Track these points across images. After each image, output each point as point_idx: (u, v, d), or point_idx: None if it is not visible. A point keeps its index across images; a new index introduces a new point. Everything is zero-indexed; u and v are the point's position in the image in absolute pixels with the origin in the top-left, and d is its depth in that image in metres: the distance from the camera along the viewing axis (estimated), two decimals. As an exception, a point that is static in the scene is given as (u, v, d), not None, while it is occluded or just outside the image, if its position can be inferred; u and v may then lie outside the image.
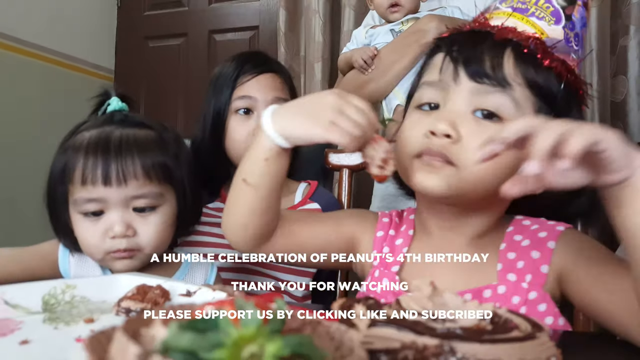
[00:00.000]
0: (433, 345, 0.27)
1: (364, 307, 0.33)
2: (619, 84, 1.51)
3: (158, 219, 0.69)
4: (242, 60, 0.94)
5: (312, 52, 1.79)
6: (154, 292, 0.55)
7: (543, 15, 0.58)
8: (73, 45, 2.16)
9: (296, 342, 0.21)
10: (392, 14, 1.17)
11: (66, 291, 0.60)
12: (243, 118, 0.91)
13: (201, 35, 2.22)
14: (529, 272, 0.55)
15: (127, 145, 0.67)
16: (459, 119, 0.53)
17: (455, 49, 0.56)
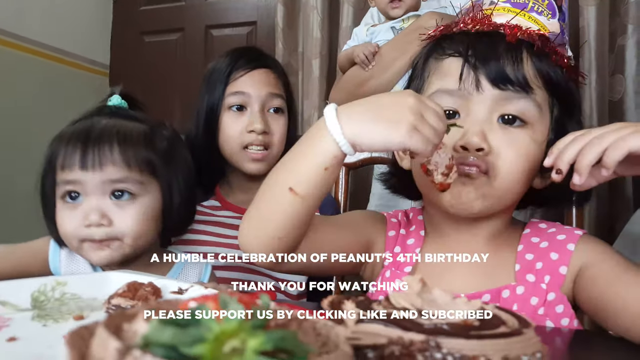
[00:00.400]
0: (419, 341, 0.27)
1: (353, 304, 0.33)
2: (616, 82, 1.51)
3: (137, 209, 0.67)
4: (235, 56, 0.93)
5: (310, 49, 1.78)
6: (144, 289, 0.55)
7: (542, 10, 0.58)
8: (68, 41, 2.15)
9: (279, 337, 0.21)
10: (392, 10, 1.17)
11: (56, 288, 0.59)
12: (236, 114, 0.91)
13: (198, 30, 2.20)
14: (548, 274, 0.55)
15: (108, 133, 0.67)
16: (487, 129, 0.53)
17: (472, 54, 0.55)
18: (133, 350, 0.20)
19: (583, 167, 0.46)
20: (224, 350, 0.20)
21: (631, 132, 0.45)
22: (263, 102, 0.90)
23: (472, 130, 0.53)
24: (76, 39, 2.19)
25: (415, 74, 0.63)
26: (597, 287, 0.52)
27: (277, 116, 0.92)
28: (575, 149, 0.47)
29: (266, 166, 0.91)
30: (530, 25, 0.56)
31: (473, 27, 0.57)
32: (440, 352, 0.26)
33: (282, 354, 0.21)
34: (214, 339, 0.20)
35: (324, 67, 1.77)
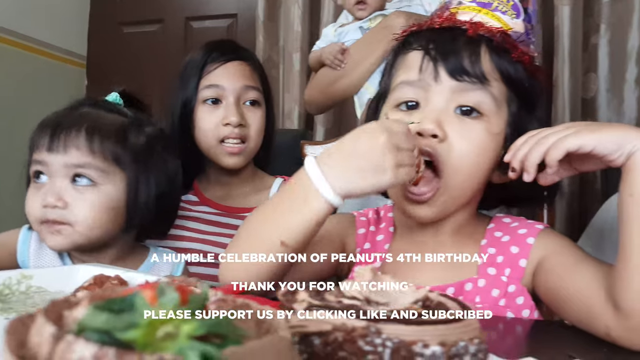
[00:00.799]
0: (360, 327, 0.27)
1: (306, 293, 0.34)
2: (590, 81, 1.54)
3: (95, 196, 0.67)
4: (209, 49, 0.93)
5: (290, 42, 1.78)
6: (111, 282, 0.55)
7: (506, 10, 0.60)
8: (44, 30, 2.10)
9: (212, 322, 0.21)
10: (358, 11, 1.20)
11: (22, 281, 0.59)
12: (211, 107, 0.90)
13: (178, 21, 2.17)
14: (508, 266, 0.57)
15: (79, 119, 0.68)
16: (443, 118, 0.55)
17: (432, 47, 0.57)
18: (66, 335, 0.21)
19: (529, 166, 0.49)
20: (157, 335, 0.21)
21: (572, 132, 0.48)
22: (238, 95, 0.90)
23: (429, 117, 0.55)
24: (52, 29, 2.14)
25: (385, 71, 0.66)
26: (553, 278, 0.54)
27: (254, 109, 0.91)
28: (526, 149, 0.50)
29: (243, 160, 0.91)
30: (492, 23, 0.58)
31: (439, 24, 0.59)
32: (380, 338, 0.27)
33: (217, 339, 0.22)
34: (147, 324, 0.21)
35: (304, 61, 1.76)
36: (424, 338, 0.27)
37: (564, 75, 1.47)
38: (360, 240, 0.66)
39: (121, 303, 0.22)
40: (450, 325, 0.28)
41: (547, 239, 0.58)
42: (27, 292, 0.59)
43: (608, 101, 1.53)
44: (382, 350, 0.27)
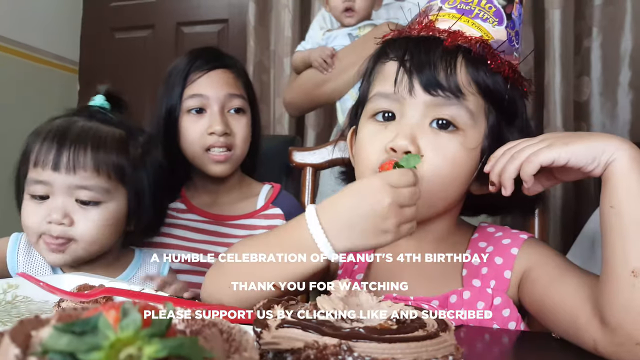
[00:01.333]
0: (332, 345, 0.27)
1: (282, 308, 0.33)
2: (582, 84, 1.55)
3: (99, 215, 0.68)
4: (192, 57, 0.92)
5: (281, 47, 1.78)
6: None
7: (487, 17, 0.58)
8: (36, 36, 2.09)
9: (176, 344, 0.21)
10: (346, 19, 1.21)
11: (8, 291, 0.59)
12: (196, 117, 0.90)
13: (169, 27, 2.17)
14: (493, 278, 0.56)
15: (84, 137, 0.68)
16: (417, 132, 0.54)
17: (408, 58, 0.56)
18: (30, 357, 0.21)
19: (505, 181, 0.50)
20: (120, 357, 0.21)
21: (546, 146, 0.48)
22: (222, 103, 0.89)
23: (402, 133, 0.54)
24: (45, 35, 2.14)
25: (364, 77, 0.65)
26: (538, 289, 0.53)
27: (238, 116, 0.91)
28: (502, 163, 0.50)
29: (230, 167, 0.90)
30: (472, 32, 0.56)
31: (418, 32, 0.58)
32: (351, 356, 0.27)
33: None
34: (109, 346, 0.21)
35: (295, 65, 1.78)
36: (397, 356, 0.27)
37: (555, 79, 1.47)
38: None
39: (84, 325, 0.22)
40: (424, 343, 0.28)
41: (531, 249, 0.57)
42: (13, 301, 0.59)
43: (601, 105, 1.53)
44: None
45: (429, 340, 0.29)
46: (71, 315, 0.25)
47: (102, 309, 0.22)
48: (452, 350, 0.29)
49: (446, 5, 0.59)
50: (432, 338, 0.29)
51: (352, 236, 0.49)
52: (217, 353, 0.24)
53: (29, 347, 0.24)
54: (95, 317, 0.22)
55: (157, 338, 0.21)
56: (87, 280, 0.59)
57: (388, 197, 0.47)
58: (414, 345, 0.28)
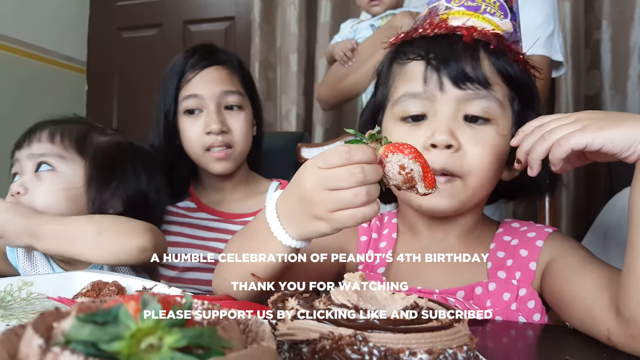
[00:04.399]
0: (347, 335, 0.28)
1: (296, 301, 0.34)
2: (593, 78, 1.53)
3: (52, 180, 0.71)
4: (186, 56, 0.92)
5: (287, 44, 1.78)
6: (109, 288, 0.55)
7: (494, 11, 0.59)
8: (44, 37, 2.11)
9: (195, 333, 0.22)
10: (372, 8, 1.22)
11: (23, 288, 0.60)
12: (193, 118, 0.89)
13: (176, 25, 2.18)
14: (518, 270, 0.57)
15: (46, 123, 0.75)
16: (454, 127, 0.55)
17: (433, 56, 0.56)
18: (53, 347, 0.21)
19: (533, 161, 0.49)
20: (140, 346, 0.21)
21: (580, 128, 0.46)
22: (218, 101, 0.89)
23: (440, 128, 0.54)
24: (52, 35, 2.16)
25: (380, 81, 0.64)
26: (559, 280, 0.53)
27: (236, 113, 0.90)
28: (531, 142, 0.49)
29: (232, 164, 0.90)
30: (484, 26, 0.57)
31: (432, 31, 0.58)
32: (367, 346, 0.27)
33: (199, 350, 0.22)
34: (130, 336, 0.21)
35: (301, 62, 1.77)
36: (411, 346, 0.27)
37: (566, 73, 1.46)
38: (362, 247, 0.65)
39: (105, 315, 0.22)
40: (438, 333, 0.28)
41: (556, 241, 0.58)
42: (28, 298, 0.59)
43: (611, 98, 1.51)
44: (370, 358, 0.27)
45: (443, 330, 0.29)
46: (91, 307, 0.26)
47: (122, 300, 0.23)
48: (466, 340, 0.29)
49: (453, 4, 0.60)
50: (446, 328, 0.29)
51: (294, 223, 0.46)
52: (235, 343, 0.24)
53: (51, 338, 0.24)
54: (116, 307, 0.22)
55: (177, 328, 0.22)
56: (101, 277, 0.59)
57: (310, 178, 0.42)
58: (428, 335, 0.28)
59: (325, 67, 1.77)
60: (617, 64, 1.49)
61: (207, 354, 0.22)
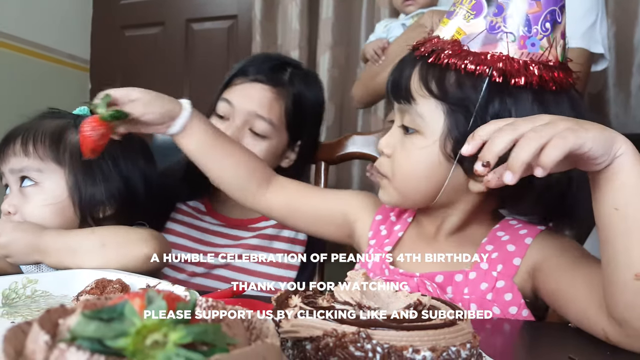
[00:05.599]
0: (350, 332, 0.28)
1: (300, 298, 0.34)
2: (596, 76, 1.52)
3: (36, 195, 0.71)
4: (248, 62, 0.89)
5: (288, 41, 1.78)
6: (113, 286, 0.56)
7: (464, 13, 0.57)
8: (48, 35, 2.12)
9: (200, 330, 0.22)
10: (406, 7, 1.24)
11: (27, 286, 0.60)
12: (219, 121, 0.87)
13: (178, 24, 2.18)
14: (501, 263, 0.57)
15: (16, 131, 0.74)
16: (394, 135, 0.62)
17: (390, 71, 0.62)
18: (59, 343, 0.21)
19: (518, 164, 0.41)
20: (146, 343, 0.21)
21: (568, 128, 0.41)
22: (245, 119, 0.85)
23: (383, 139, 0.62)
24: (56, 34, 2.17)
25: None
26: (552, 281, 0.54)
27: (257, 139, 0.86)
28: (506, 141, 0.42)
29: None
30: (446, 34, 0.57)
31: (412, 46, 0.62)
32: (370, 343, 0.27)
33: (204, 347, 0.22)
34: (136, 333, 0.21)
35: (303, 58, 1.77)
36: (415, 343, 0.27)
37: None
38: (374, 225, 0.70)
39: (111, 312, 0.22)
40: (441, 330, 0.28)
41: (546, 240, 0.58)
42: (33, 296, 0.60)
43: (615, 96, 1.51)
44: (373, 355, 0.27)
45: (447, 328, 0.29)
46: (96, 304, 0.26)
47: (127, 297, 0.23)
48: (469, 338, 0.29)
49: (452, 8, 0.60)
50: (449, 326, 0.29)
51: None
52: (240, 339, 0.24)
53: (57, 334, 0.24)
54: (121, 304, 0.22)
55: (181, 324, 0.22)
56: (104, 274, 0.60)
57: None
58: (432, 332, 0.28)
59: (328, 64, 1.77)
60: (620, 62, 1.48)
61: (211, 351, 0.22)
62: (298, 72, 0.90)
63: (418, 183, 0.59)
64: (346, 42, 1.79)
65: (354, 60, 1.79)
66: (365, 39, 1.78)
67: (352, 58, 1.79)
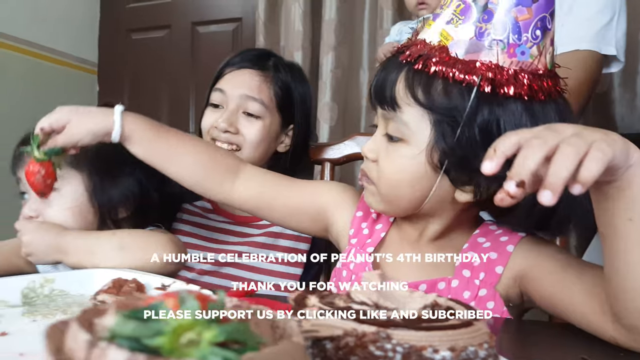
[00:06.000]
0: (370, 332, 0.29)
1: (317, 299, 0.35)
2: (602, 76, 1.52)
3: (57, 200, 0.73)
4: (236, 54, 0.94)
5: (291, 42, 1.79)
6: (129, 285, 0.57)
7: (451, 18, 0.54)
8: (56, 39, 2.15)
9: (232, 329, 0.23)
10: (420, 11, 1.24)
11: (45, 285, 0.61)
12: (213, 110, 0.92)
13: (184, 27, 2.21)
14: (483, 271, 0.58)
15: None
16: (378, 142, 0.60)
17: (376, 74, 0.60)
18: (100, 342, 0.22)
19: (560, 183, 0.37)
20: (181, 341, 0.22)
21: (601, 139, 0.38)
22: (238, 103, 0.90)
23: (368, 144, 0.61)
24: (64, 37, 2.19)
25: None
26: (544, 288, 0.54)
27: (251, 119, 0.91)
28: (539, 156, 0.38)
29: None
30: (433, 39, 0.55)
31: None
32: (390, 343, 0.28)
33: (236, 345, 0.23)
34: (172, 332, 0.22)
35: (306, 59, 1.78)
36: (434, 343, 0.28)
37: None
38: (355, 222, 0.68)
39: (148, 311, 0.23)
40: (460, 331, 0.29)
41: (528, 246, 0.58)
42: (51, 295, 0.61)
43: (620, 96, 1.51)
44: (393, 355, 0.28)
45: (465, 328, 0.30)
46: (127, 304, 0.27)
47: (161, 298, 0.24)
48: (486, 338, 0.30)
49: (438, 11, 0.57)
50: (467, 326, 0.30)
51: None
52: (267, 338, 0.25)
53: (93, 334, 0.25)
54: (157, 304, 0.23)
55: (214, 323, 0.23)
56: (120, 274, 0.61)
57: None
58: (450, 333, 0.29)
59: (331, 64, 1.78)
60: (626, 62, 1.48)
61: (242, 349, 0.23)
62: (282, 62, 0.96)
63: (403, 191, 0.58)
64: (349, 43, 1.79)
65: (357, 61, 1.79)
66: (368, 39, 1.78)
67: (355, 59, 1.79)
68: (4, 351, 0.43)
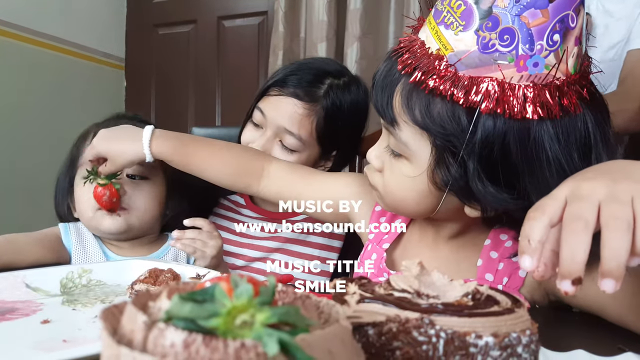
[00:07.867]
0: (414, 318, 0.29)
1: (357, 286, 0.35)
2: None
3: (148, 189, 0.83)
4: (290, 71, 0.90)
5: (314, 33, 1.78)
6: (165, 275, 0.59)
7: (452, 21, 0.48)
8: (84, 34, 2.20)
9: (283, 311, 0.23)
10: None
11: (82, 275, 0.64)
12: (252, 127, 0.92)
13: (210, 21, 2.23)
14: (507, 275, 0.57)
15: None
16: (382, 151, 0.59)
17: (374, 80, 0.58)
18: (158, 323, 0.23)
19: (620, 269, 0.32)
20: (235, 323, 0.23)
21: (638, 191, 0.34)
22: (276, 132, 0.88)
23: (371, 154, 0.60)
24: (91, 33, 2.24)
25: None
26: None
27: (286, 152, 0.89)
28: (585, 242, 0.33)
29: None
30: (432, 45, 0.49)
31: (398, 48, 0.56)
32: (433, 329, 0.29)
33: (287, 327, 0.24)
34: (226, 313, 0.23)
35: (330, 50, 1.77)
36: (477, 329, 0.28)
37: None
38: (374, 216, 0.69)
39: (203, 294, 0.24)
40: (502, 317, 0.29)
41: None
42: (88, 285, 0.63)
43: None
44: (436, 340, 0.28)
45: (507, 315, 0.30)
46: (179, 288, 0.28)
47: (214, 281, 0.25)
48: (528, 325, 0.30)
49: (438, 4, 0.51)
50: (509, 313, 0.30)
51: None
52: (315, 322, 0.26)
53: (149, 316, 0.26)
54: (212, 287, 0.24)
55: (267, 306, 0.24)
56: (156, 264, 0.63)
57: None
58: (493, 319, 0.29)
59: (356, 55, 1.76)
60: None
61: (294, 331, 0.23)
62: (337, 83, 0.90)
63: (409, 206, 0.58)
64: (375, 32, 1.77)
65: (382, 51, 1.78)
66: (394, 29, 1.77)
67: (381, 49, 1.77)
68: (49, 338, 0.45)
